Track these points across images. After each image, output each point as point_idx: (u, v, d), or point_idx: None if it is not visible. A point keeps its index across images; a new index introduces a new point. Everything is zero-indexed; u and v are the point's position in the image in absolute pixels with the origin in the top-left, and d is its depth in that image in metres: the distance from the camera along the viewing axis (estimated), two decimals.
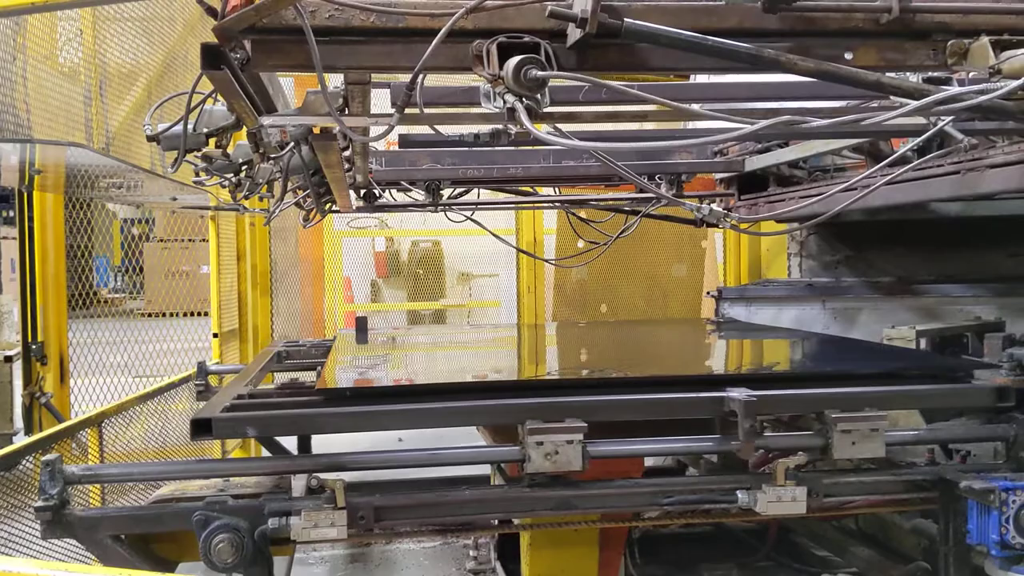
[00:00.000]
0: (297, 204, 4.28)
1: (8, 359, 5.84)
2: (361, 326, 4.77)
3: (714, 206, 2.63)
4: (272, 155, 2.80)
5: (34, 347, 4.43)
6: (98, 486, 3.53)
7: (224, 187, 3.34)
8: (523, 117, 1.88)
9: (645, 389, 2.85)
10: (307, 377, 3.96)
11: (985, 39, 2.15)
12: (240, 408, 2.73)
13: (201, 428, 2.47)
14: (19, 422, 4.33)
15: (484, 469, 3.55)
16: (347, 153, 3.22)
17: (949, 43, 2.20)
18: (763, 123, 1.89)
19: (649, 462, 4.37)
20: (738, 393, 2.62)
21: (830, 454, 2.66)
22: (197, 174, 3.08)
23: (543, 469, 2.52)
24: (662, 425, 2.78)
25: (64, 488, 2.45)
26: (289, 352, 4.38)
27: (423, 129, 3.19)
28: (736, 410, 2.59)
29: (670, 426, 2.78)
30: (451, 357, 4.52)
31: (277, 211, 3.85)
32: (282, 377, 3.98)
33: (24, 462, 3.23)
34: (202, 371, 4.41)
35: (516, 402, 2.67)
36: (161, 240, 12.76)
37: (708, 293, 5.94)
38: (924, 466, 2.97)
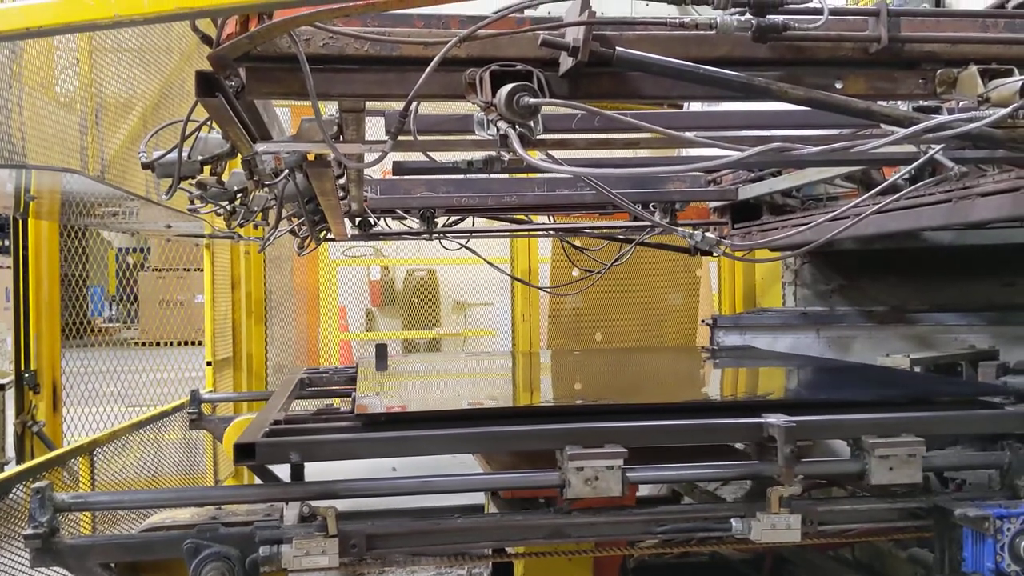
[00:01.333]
0: (292, 232, 4.29)
1: (0, 387, 5.81)
2: (381, 353, 4.78)
3: (708, 233, 2.64)
4: (267, 183, 2.81)
5: (27, 375, 4.41)
6: (89, 515, 3.51)
7: (219, 215, 3.35)
8: (516, 144, 1.89)
9: (680, 415, 2.87)
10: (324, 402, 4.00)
11: (973, 68, 2.18)
12: (280, 433, 2.73)
13: (244, 453, 2.47)
14: (11, 451, 4.30)
15: (478, 498, 3.54)
16: (342, 181, 3.23)
17: (938, 72, 2.23)
18: (755, 150, 1.91)
19: (644, 491, 4.35)
20: (776, 419, 2.64)
21: (867, 480, 2.67)
22: (192, 202, 3.09)
23: (583, 495, 2.52)
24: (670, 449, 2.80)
25: (54, 516, 2.43)
26: (312, 379, 4.40)
27: (418, 156, 3.21)
28: (776, 436, 2.60)
29: (679, 451, 2.81)
30: (475, 383, 4.57)
31: (272, 239, 3.85)
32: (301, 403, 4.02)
33: (15, 491, 3.21)
34: (195, 399, 4.39)
35: (557, 427, 2.67)
36: (156, 269, 12.76)
37: (703, 321, 5.95)
38: (919, 494, 2.96)
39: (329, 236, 4.51)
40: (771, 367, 4.54)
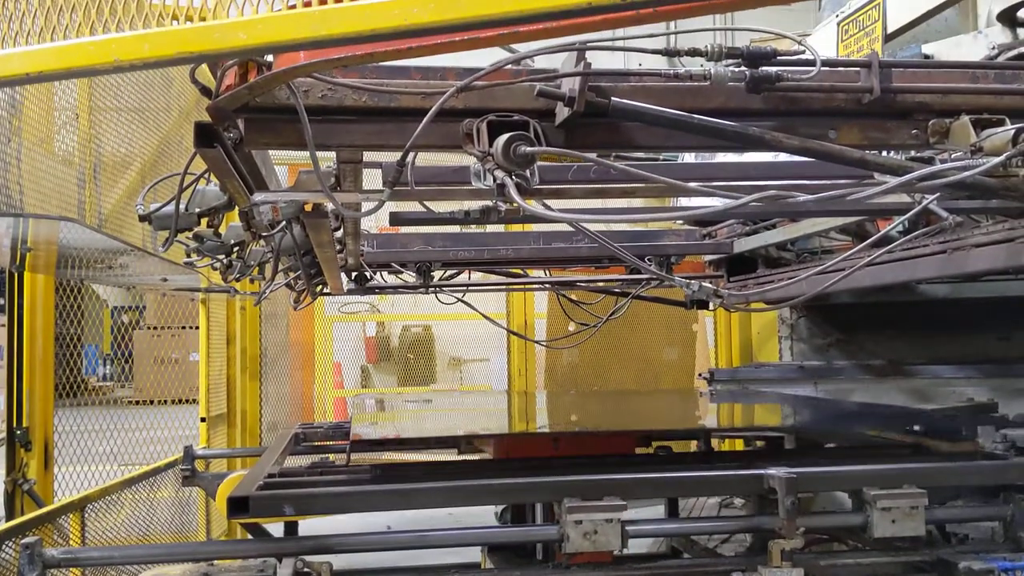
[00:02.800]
0: (288, 285, 4.28)
1: None
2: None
3: (705, 284, 2.64)
4: (264, 234, 2.81)
5: (19, 433, 4.36)
6: (79, 573, 3.44)
7: (215, 268, 3.35)
8: (513, 192, 1.90)
9: (681, 466, 2.86)
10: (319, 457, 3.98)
11: (965, 118, 2.20)
12: (274, 487, 2.71)
13: (238, 506, 2.44)
14: (0, 510, 4.24)
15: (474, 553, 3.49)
16: (339, 234, 3.24)
17: (930, 122, 2.25)
18: (751, 197, 1.92)
19: (643, 548, 4.29)
20: (777, 471, 2.63)
21: (870, 533, 2.64)
22: (188, 255, 3.08)
23: (582, 549, 2.49)
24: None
25: (43, 572, 2.38)
26: (306, 434, 4.38)
27: (414, 207, 3.22)
28: (776, 488, 2.58)
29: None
30: (469, 416, 4.54)
31: (268, 291, 3.85)
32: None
33: (3, 548, 3.15)
34: (188, 455, 4.35)
35: (555, 480, 2.66)
36: (151, 327, 12.75)
37: (700, 375, 5.93)
38: (923, 547, 2.92)
39: (325, 291, 4.51)
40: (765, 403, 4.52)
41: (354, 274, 4.43)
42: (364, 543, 2.63)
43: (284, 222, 2.75)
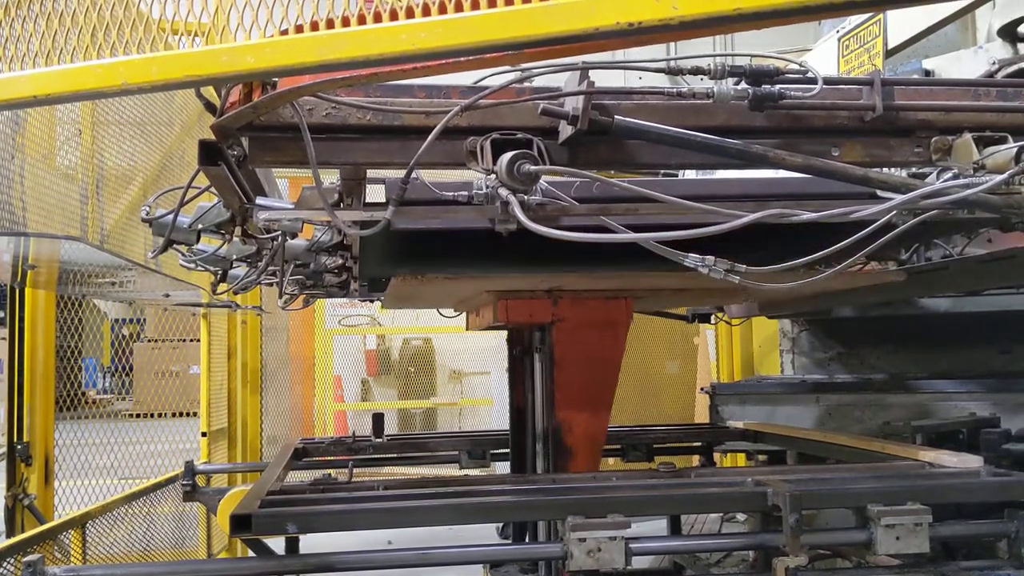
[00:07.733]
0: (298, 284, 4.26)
1: None
2: (377, 422, 4.73)
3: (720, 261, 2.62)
4: (263, 243, 2.82)
5: (19, 447, 4.35)
6: None
7: (216, 289, 3.33)
8: (517, 210, 1.90)
9: (685, 482, 2.86)
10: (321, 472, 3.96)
11: (968, 136, 2.21)
12: (276, 504, 2.70)
13: (240, 524, 2.43)
14: (0, 525, 4.22)
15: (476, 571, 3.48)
16: None
17: (933, 140, 2.25)
18: (755, 215, 1.92)
19: (645, 564, 4.28)
20: (782, 488, 2.62)
21: (874, 550, 2.63)
22: (189, 252, 3.07)
23: (586, 567, 2.47)
24: None
25: None
26: (308, 449, 4.36)
27: None
28: (780, 505, 2.57)
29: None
30: None
31: (283, 302, 3.83)
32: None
33: (4, 565, 3.14)
34: (189, 470, 4.33)
35: (558, 498, 2.66)
36: (151, 340, 12.74)
37: (702, 389, 5.92)
38: (927, 564, 2.91)
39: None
40: None
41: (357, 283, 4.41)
42: (366, 560, 2.62)
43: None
